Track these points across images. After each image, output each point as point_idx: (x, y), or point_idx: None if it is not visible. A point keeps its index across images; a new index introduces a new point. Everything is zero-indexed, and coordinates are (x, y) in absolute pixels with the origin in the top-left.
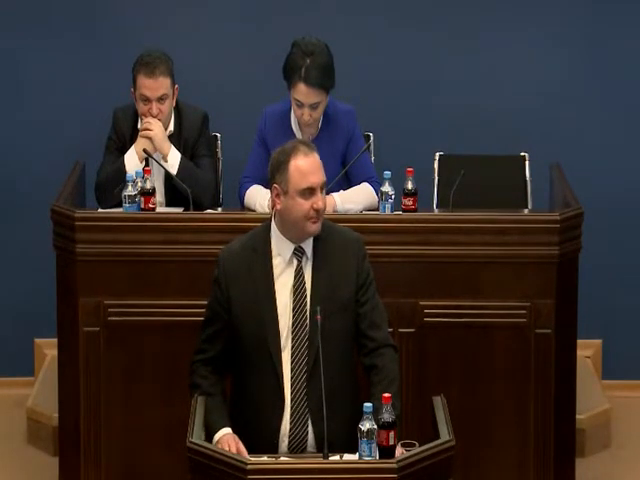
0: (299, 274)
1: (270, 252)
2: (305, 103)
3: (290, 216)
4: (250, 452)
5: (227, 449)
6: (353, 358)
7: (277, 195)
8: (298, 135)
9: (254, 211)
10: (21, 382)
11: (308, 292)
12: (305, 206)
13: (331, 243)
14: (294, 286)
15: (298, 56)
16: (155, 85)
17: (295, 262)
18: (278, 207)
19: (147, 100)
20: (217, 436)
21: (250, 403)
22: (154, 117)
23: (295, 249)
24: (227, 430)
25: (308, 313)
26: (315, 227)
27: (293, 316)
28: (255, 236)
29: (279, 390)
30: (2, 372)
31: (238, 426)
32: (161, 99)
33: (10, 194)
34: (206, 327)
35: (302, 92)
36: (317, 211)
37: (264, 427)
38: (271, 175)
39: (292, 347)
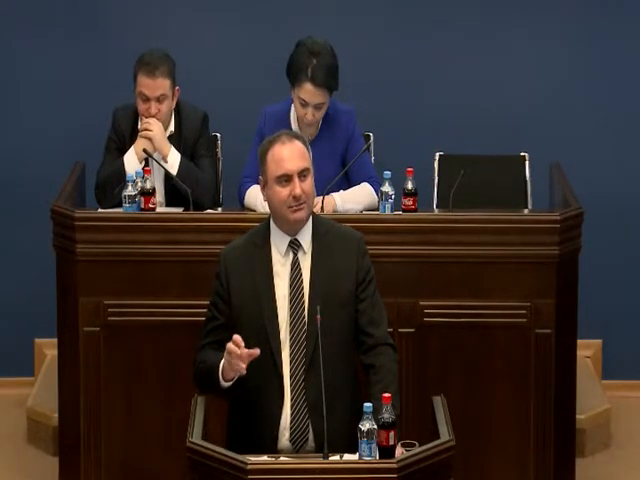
0: (295, 266)
1: (269, 246)
2: (310, 103)
3: (273, 206)
4: (252, 446)
5: (238, 355)
6: (353, 355)
7: (263, 187)
8: None
9: (254, 211)
10: (21, 382)
11: (306, 284)
12: (283, 194)
13: (331, 239)
14: (291, 278)
15: (304, 55)
16: (154, 85)
17: (291, 255)
18: (264, 198)
19: (146, 99)
20: (220, 367)
21: (251, 396)
22: (152, 116)
23: (291, 241)
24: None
25: (306, 305)
26: (297, 215)
27: (290, 308)
28: (256, 232)
29: (279, 382)
30: (2, 372)
31: (239, 419)
32: (159, 99)
33: (10, 194)
34: (208, 322)
35: (308, 92)
36: (295, 198)
37: (265, 420)
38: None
39: (291, 339)
